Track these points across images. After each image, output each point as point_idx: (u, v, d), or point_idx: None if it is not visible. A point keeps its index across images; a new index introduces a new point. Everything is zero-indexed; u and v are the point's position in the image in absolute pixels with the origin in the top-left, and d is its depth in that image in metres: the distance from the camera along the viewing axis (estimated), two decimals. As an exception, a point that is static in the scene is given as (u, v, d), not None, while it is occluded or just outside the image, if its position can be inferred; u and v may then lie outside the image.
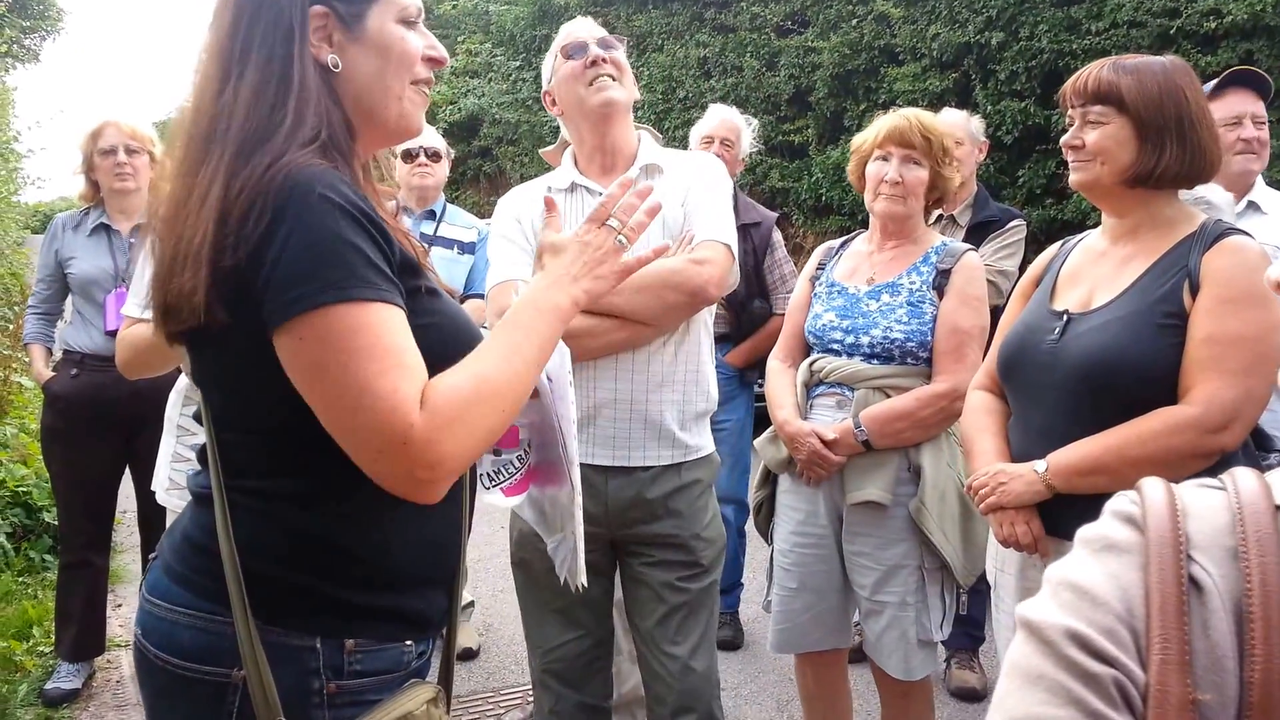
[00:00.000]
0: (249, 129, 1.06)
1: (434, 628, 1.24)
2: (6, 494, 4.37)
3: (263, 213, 1.01)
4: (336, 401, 1.02)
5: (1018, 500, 1.78)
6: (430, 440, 1.02)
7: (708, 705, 2.09)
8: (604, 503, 2.05)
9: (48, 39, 19.46)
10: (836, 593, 2.34)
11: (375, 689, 1.14)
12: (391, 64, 1.18)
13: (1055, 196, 5.85)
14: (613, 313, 1.96)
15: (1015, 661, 0.59)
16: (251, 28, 1.10)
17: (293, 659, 1.09)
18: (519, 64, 11.29)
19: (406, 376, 1.03)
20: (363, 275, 1.03)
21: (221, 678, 1.09)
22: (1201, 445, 1.63)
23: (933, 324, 2.25)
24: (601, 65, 2.02)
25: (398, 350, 1.03)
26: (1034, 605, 0.61)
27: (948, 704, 3.19)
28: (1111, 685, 0.55)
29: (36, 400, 5.10)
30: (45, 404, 3.21)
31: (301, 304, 1.01)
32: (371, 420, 1.01)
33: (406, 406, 1.01)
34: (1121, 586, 0.59)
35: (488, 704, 3.22)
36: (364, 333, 1.01)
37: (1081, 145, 1.77)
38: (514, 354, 1.13)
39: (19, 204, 6.82)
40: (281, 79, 1.09)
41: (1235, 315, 1.63)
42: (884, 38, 7.03)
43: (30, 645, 3.47)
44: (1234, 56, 4.92)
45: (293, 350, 1.03)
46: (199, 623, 1.11)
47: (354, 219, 1.04)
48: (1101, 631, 0.57)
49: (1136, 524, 0.62)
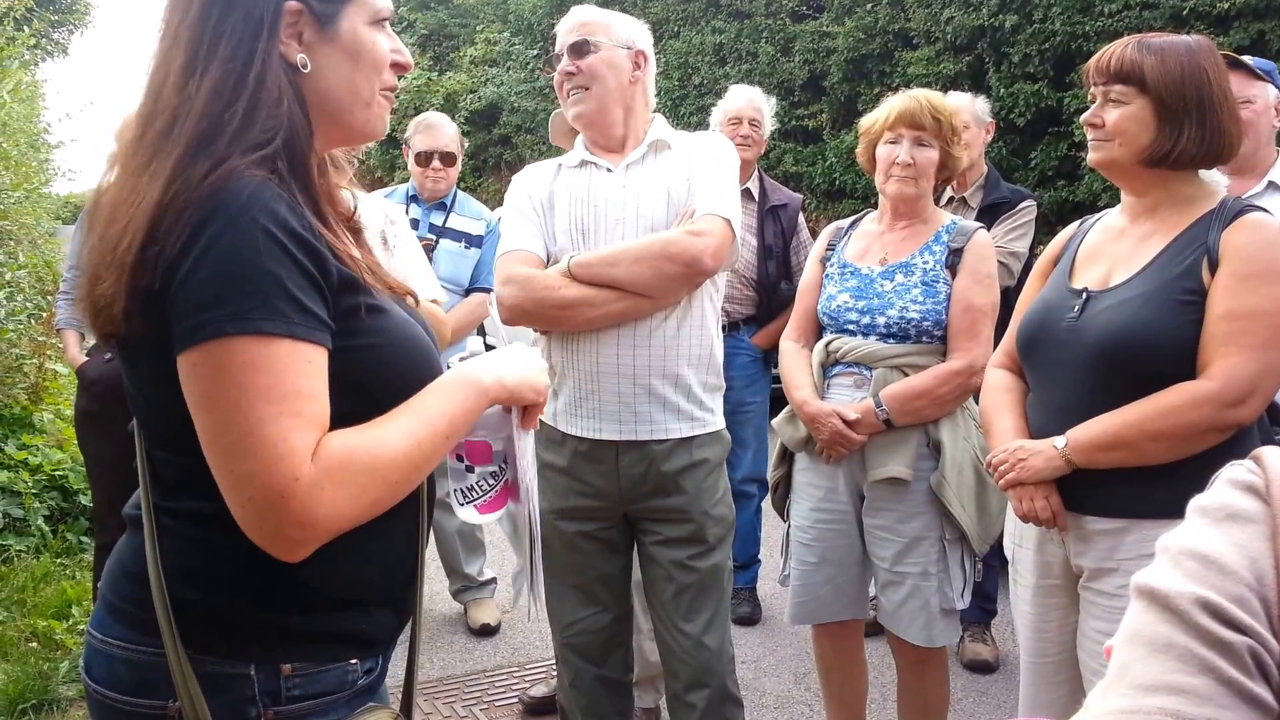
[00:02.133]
0: (201, 129, 1.01)
1: (382, 645, 1.17)
2: (44, 478, 4.45)
3: (185, 226, 0.96)
4: (221, 438, 0.97)
5: (1037, 476, 1.79)
6: (311, 500, 0.96)
7: (721, 681, 2.14)
8: (615, 478, 2.09)
9: (76, 32, 19.61)
10: (855, 565, 2.39)
11: (319, 711, 1.09)
12: (362, 67, 1.13)
13: (1067, 178, 5.85)
14: (612, 284, 1.99)
15: (1137, 630, 0.57)
16: (224, 18, 1.04)
17: (227, 688, 1.04)
18: (537, 52, 11.32)
19: (301, 426, 0.97)
20: (274, 306, 0.96)
21: (158, 711, 1.05)
22: (1219, 419, 1.64)
23: (947, 302, 2.29)
24: (573, 77, 2.07)
25: (298, 395, 0.97)
26: (1156, 574, 0.59)
27: (960, 675, 3.24)
28: (1246, 653, 0.54)
29: (70, 387, 5.21)
30: (79, 388, 3.27)
31: (203, 331, 0.95)
32: (254, 466, 0.95)
33: (295, 459, 0.95)
34: (1250, 555, 0.57)
35: (512, 678, 3.30)
36: (264, 371, 0.96)
37: (1101, 124, 1.77)
38: (421, 427, 1.06)
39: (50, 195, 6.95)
40: (240, 77, 1.03)
41: (1254, 291, 1.64)
42: (898, 22, 7.02)
43: (70, 624, 3.55)
44: (1246, 37, 4.91)
45: (186, 375, 0.97)
46: (134, 655, 1.07)
47: (278, 243, 0.97)
48: (1233, 600, 0.55)
49: (1259, 493, 0.60)
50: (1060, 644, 1.91)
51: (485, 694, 3.20)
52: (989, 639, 3.40)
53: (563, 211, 2.11)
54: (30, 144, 5.94)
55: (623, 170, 2.11)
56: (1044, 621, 1.93)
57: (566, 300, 2.01)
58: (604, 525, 2.18)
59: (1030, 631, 1.96)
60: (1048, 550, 1.89)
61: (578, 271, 2.01)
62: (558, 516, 2.16)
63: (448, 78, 12.44)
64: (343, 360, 1.04)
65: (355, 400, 1.05)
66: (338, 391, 1.03)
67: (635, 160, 2.12)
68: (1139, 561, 1.70)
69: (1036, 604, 1.93)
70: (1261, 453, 0.63)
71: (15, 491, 4.25)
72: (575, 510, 2.15)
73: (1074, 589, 1.86)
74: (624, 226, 2.06)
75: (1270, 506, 0.59)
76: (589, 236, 2.08)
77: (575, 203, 2.11)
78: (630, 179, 2.10)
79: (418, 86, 12.19)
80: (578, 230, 2.09)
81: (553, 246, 2.11)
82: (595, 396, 2.07)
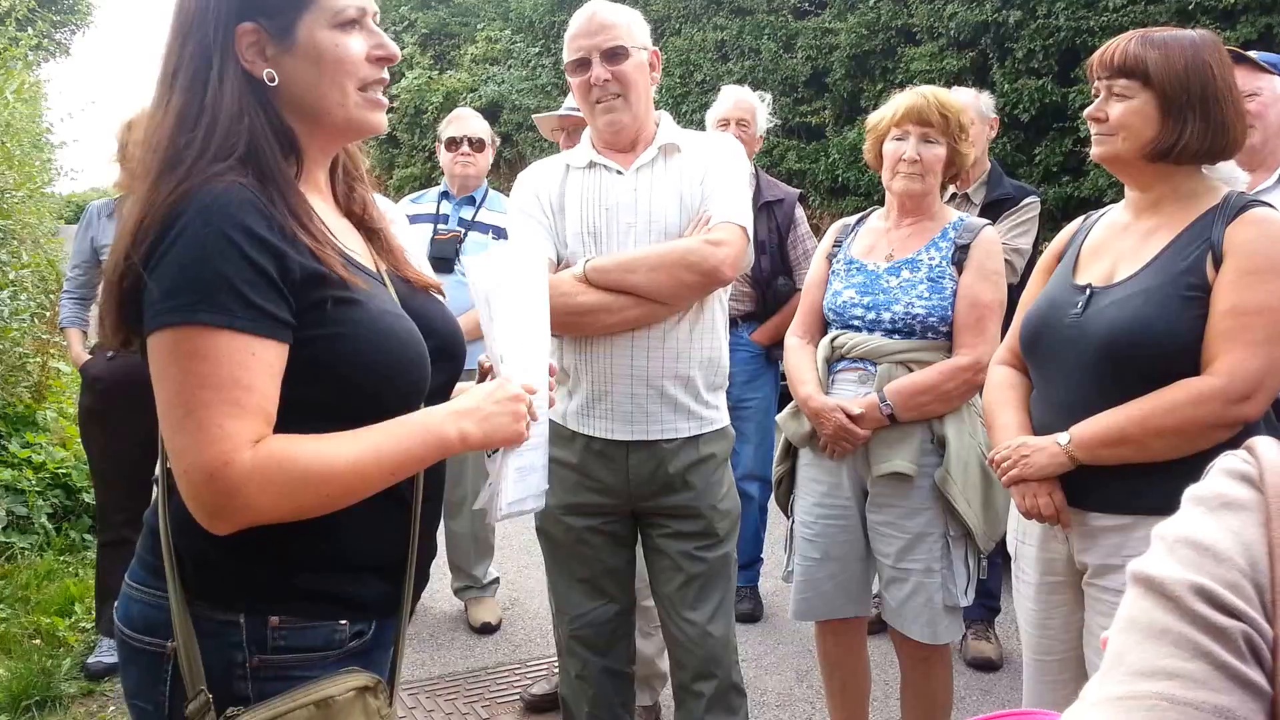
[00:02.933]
0: (167, 156, 1.10)
1: (375, 611, 1.24)
2: (47, 476, 4.47)
3: (150, 236, 1.08)
4: (167, 415, 1.07)
5: (1041, 472, 1.79)
6: (242, 487, 1.05)
7: (727, 671, 2.16)
8: (624, 476, 2.11)
9: (78, 33, 19.63)
10: (859, 561, 2.39)
11: (303, 666, 1.16)
12: (326, 70, 1.17)
13: (1072, 174, 5.83)
14: (629, 290, 2.00)
15: (1133, 617, 0.58)
16: (183, 49, 1.14)
17: (218, 633, 1.14)
18: (538, 50, 11.29)
19: (237, 414, 1.05)
20: (218, 301, 1.05)
21: (158, 648, 1.15)
22: (1225, 415, 1.64)
23: (953, 299, 2.29)
24: (605, 86, 2.03)
25: (235, 384, 1.05)
26: (1151, 561, 0.60)
27: (964, 673, 3.24)
28: (1240, 638, 0.55)
29: (73, 385, 5.22)
30: (83, 386, 3.29)
31: (157, 320, 1.07)
32: (188, 444, 1.05)
33: (228, 445, 1.04)
34: (1244, 543, 0.58)
35: (514, 675, 3.30)
36: (204, 360, 1.05)
37: (1105, 118, 1.76)
38: (368, 458, 1.12)
39: (53, 194, 6.95)
40: (199, 103, 1.12)
41: (1259, 286, 1.64)
42: (901, 18, 7.00)
43: (72, 621, 3.57)
44: (1253, 31, 4.88)
45: (150, 361, 1.09)
46: (145, 597, 1.18)
47: (232, 244, 1.06)
48: (1227, 586, 0.56)
49: (1253, 482, 0.61)
50: (1064, 641, 1.91)
51: (486, 691, 3.20)
52: (993, 636, 3.40)
53: (574, 215, 2.10)
54: (33, 144, 5.95)
55: (633, 173, 2.10)
56: (1048, 619, 1.92)
57: (583, 306, 2.01)
58: (611, 519, 2.19)
59: (1034, 629, 1.96)
60: (1051, 547, 1.89)
61: (594, 277, 2.01)
62: (566, 512, 2.17)
63: (449, 76, 12.41)
64: (311, 350, 1.12)
65: (329, 388, 1.15)
66: (310, 379, 1.12)
67: (646, 163, 2.10)
68: (1147, 559, 1.70)
69: (1040, 601, 1.93)
70: (1254, 442, 0.64)
71: (19, 489, 4.27)
72: (584, 506, 2.16)
73: (1078, 586, 1.86)
74: (636, 230, 2.06)
75: (1263, 494, 0.60)
76: (600, 240, 2.07)
77: (586, 206, 2.10)
78: (641, 182, 2.09)
79: (419, 86, 12.18)
80: (589, 234, 2.08)
81: (564, 250, 2.11)
82: (608, 398, 2.08)
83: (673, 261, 1.98)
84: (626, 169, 2.10)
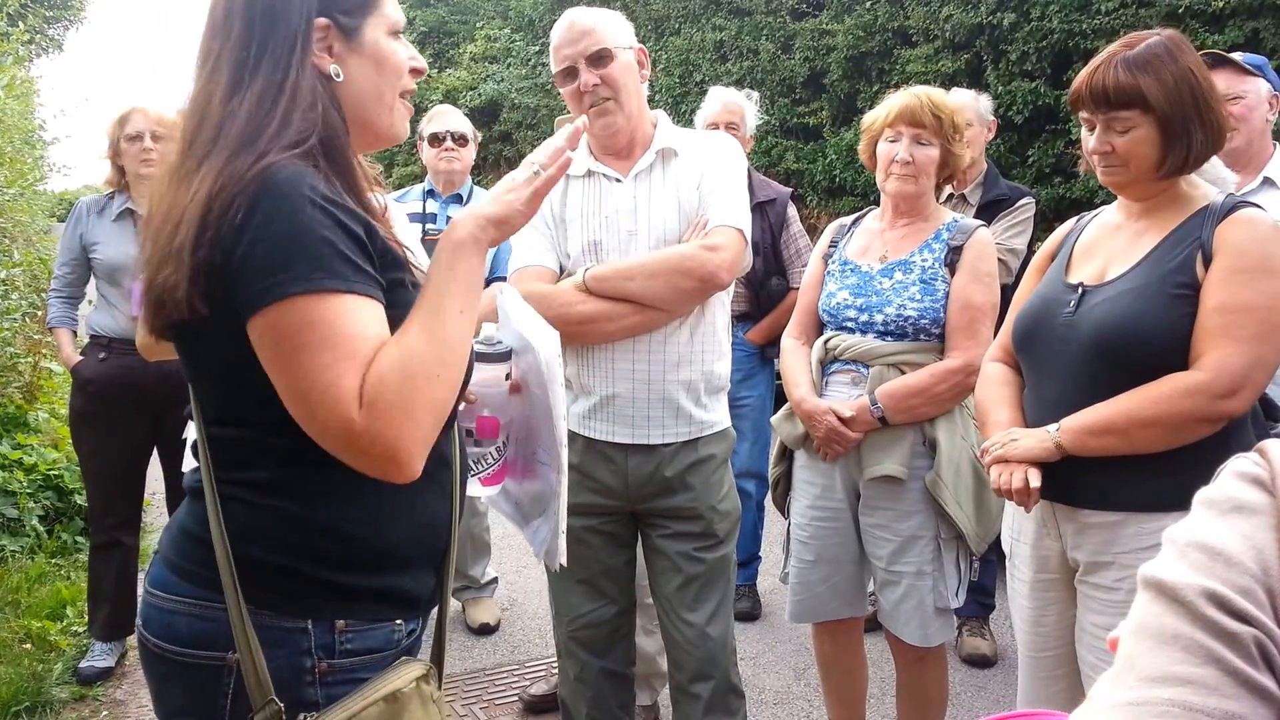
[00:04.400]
0: (244, 132, 1.11)
1: (424, 607, 1.27)
2: (38, 478, 4.44)
3: (238, 208, 1.06)
4: (290, 392, 1.08)
5: (1025, 454, 1.79)
6: (373, 432, 1.06)
7: (725, 672, 2.15)
8: (624, 478, 2.11)
9: (71, 28, 19.50)
10: (852, 563, 2.39)
11: (367, 667, 1.18)
12: (386, 74, 1.24)
13: (1064, 175, 5.86)
14: (628, 298, 2.00)
15: (1144, 622, 0.58)
16: (265, 39, 1.15)
17: (284, 641, 1.14)
18: (537, 49, 11.28)
19: (353, 369, 1.06)
20: (330, 267, 1.06)
21: (217, 661, 1.14)
22: (1210, 410, 1.66)
23: (945, 301, 2.28)
24: (595, 91, 2.02)
25: (351, 338, 1.06)
26: (1162, 566, 0.59)
27: (959, 670, 3.25)
28: (1251, 644, 0.54)
29: (65, 385, 5.19)
30: (75, 388, 3.25)
31: (268, 295, 1.05)
32: (319, 412, 1.06)
33: (346, 400, 1.05)
34: (1255, 547, 0.57)
35: (513, 676, 3.30)
36: (321, 325, 1.05)
37: (1111, 150, 1.76)
38: (435, 318, 1.14)
39: (45, 192, 6.92)
40: (279, 87, 1.14)
41: (1247, 285, 1.66)
42: (897, 19, 7.02)
43: (64, 625, 3.54)
44: (1241, 35, 4.91)
45: (258, 341, 1.08)
46: (195, 610, 1.16)
47: (326, 212, 1.08)
48: (1239, 591, 0.56)
49: (1265, 485, 0.60)
50: (1058, 638, 1.92)
51: (485, 692, 3.20)
52: (987, 633, 3.40)
53: (575, 226, 2.10)
54: (25, 141, 5.92)
55: (632, 180, 2.09)
56: (1042, 616, 1.93)
57: (584, 316, 2.01)
58: (610, 520, 2.19)
59: (1028, 626, 1.97)
60: (1045, 544, 1.90)
61: (593, 286, 2.02)
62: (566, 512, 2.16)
63: (448, 74, 12.40)
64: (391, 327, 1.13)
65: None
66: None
67: (644, 169, 2.09)
68: (1136, 554, 1.70)
69: (1034, 598, 1.94)
70: (1266, 445, 0.63)
71: (10, 491, 4.24)
72: (583, 506, 2.15)
73: (1071, 583, 1.87)
74: (636, 239, 2.06)
75: (1275, 498, 0.59)
76: (601, 249, 2.08)
77: (587, 216, 2.10)
78: (640, 190, 2.08)
79: (418, 83, 12.17)
80: (590, 244, 2.08)
81: (566, 261, 2.12)
82: (611, 404, 2.09)
83: (670, 268, 1.98)
84: (625, 176, 2.10)
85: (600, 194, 2.10)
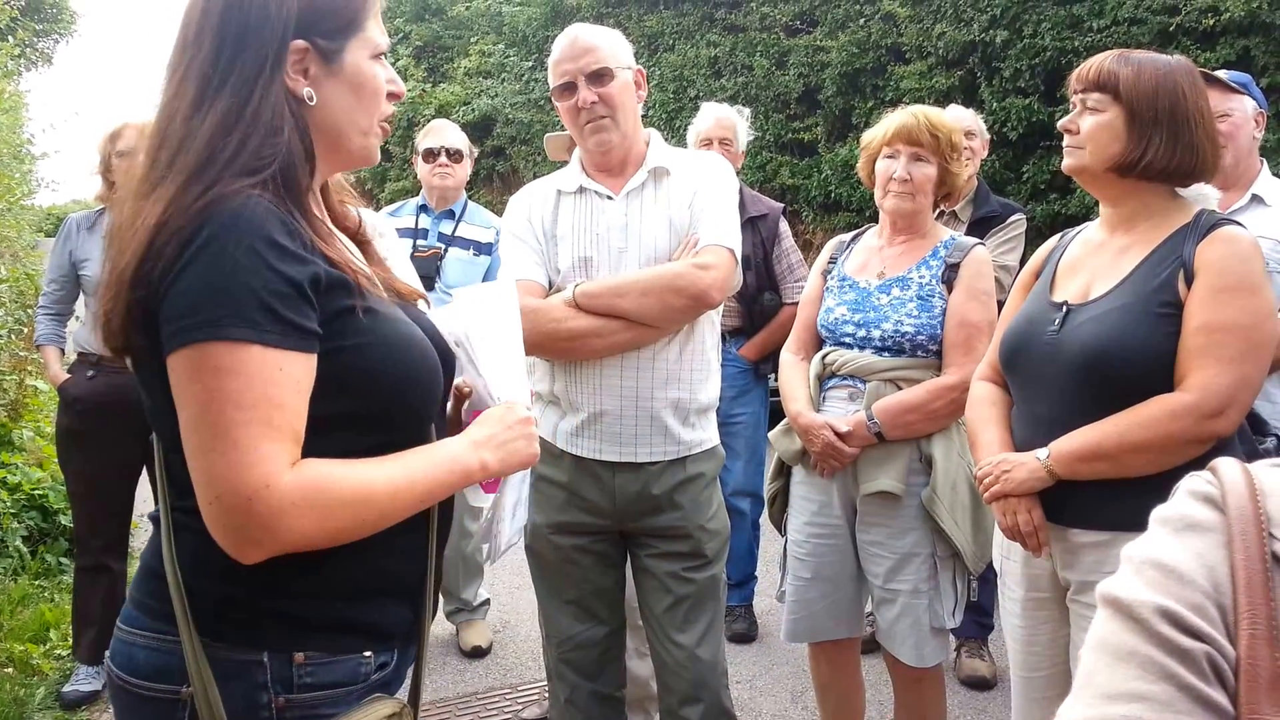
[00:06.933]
0: (200, 158, 1.08)
1: (395, 639, 1.22)
2: (23, 497, 4.38)
3: (175, 243, 1.03)
4: (193, 437, 1.02)
5: (1021, 488, 1.80)
6: (284, 510, 1.01)
7: (715, 694, 2.12)
8: (611, 496, 2.09)
9: (61, 42, 19.45)
10: (850, 582, 2.37)
11: (330, 703, 1.13)
12: (364, 99, 1.20)
13: (1059, 191, 5.88)
14: (619, 314, 1.99)
15: (1102, 639, 0.60)
16: (235, 57, 1.11)
17: (239, 674, 1.10)
18: (531, 64, 11.31)
19: (271, 435, 1.01)
20: (246, 315, 1.02)
21: (172, 695, 1.11)
22: (1198, 431, 1.66)
23: (942, 317, 2.28)
24: (593, 109, 2.02)
25: (268, 403, 1.02)
26: (1119, 584, 0.61)
27: (958, 692, 3.21)
28: (1204, 660, 0.56)
29: (51, 404, 5.13)
30: (62, 406, 3.20)
31: (180, 337, 1.02)
32: (223, 467, 1.00)
33: (266, 466, 1.00)
34: (1207, 565, 0.59)
35: (505, 700, 3.25)
36: (235, 376, 1.01)
37: (1075, 130, 1.81)
38: (407, 481, 1.12)
39: (33, 207, 6.86)
40: (241, 110, 1.10)
41: (1229, 303, 1.66)
42: (891, 36, 7.06)
43: (47, 649, 3.48)
44: (1231, 53, 4.95)
45: (172, 378, 1.04)
46: (153, 643, 1.13)
47: (259, 256, 1.03)
48: (1191, 608, 0.57)
49: (1216, 504, 0.62)
50: (1051, 658, 1.90)
51: (478, 716, 3.14)
52: (986, 654, 3.36)
53: (566, 243, 2.10)
54: (13, 155, 5.87)
55: (623, 198, 2.09)
56: (1034, 635, 1.92)
57: (574, 332, 2.00)
58: (599, 539, 2.16)
59: (1020, 646, 1.95)
60: (1035, 563, 1.89)
61: (583, 302, 2.01)
62: (554, 530, 2.15)
63: (442, 89, 12.42)
64: (337, 359, 1.10)
65: (355, 398, 1.12)
66: (336, 390, 1.09)
67: (635, 187, 2.09)
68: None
69: (1026, 618, 1.92)
70: (1218, 464, 0.65)
71: (-7, 510, 4.18)
72: (572, 525, 2.13)
73: (1063, 602, 1.86)
74: (627, 256, 2.06)
75: (1226, 516, 0.61)
76: (592, 266, 2.07)
77: (578, 233, 2.10)
78: (631, 207, 2.08)
79: (411, 98, 12.16)
80: (580, 260, 2.08)
81: (555, 277, 2.11)
82: (598, 421, 2.07)
83: (661, 286, 1.98)
84: (616, 194, 2.09)
85: (592, 210, 2.09)
